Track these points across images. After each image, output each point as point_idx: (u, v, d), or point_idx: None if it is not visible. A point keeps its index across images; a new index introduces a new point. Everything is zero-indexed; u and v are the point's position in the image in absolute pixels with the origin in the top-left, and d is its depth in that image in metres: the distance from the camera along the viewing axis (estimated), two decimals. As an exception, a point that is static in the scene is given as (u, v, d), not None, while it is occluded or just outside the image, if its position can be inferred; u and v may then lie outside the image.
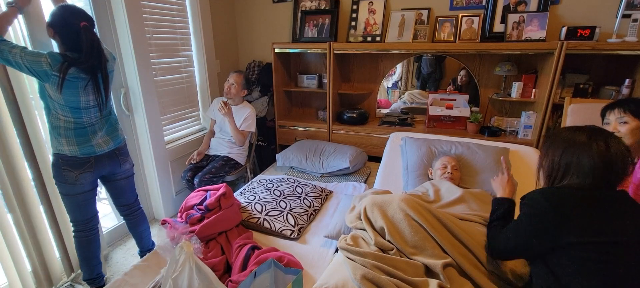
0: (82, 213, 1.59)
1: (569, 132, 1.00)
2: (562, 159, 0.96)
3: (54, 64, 1.33)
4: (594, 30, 1.95)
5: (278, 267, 1.20)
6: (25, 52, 1.31)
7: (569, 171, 0.95)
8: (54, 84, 1.34)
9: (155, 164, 2.30)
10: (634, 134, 1.29)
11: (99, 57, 1.45)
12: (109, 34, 2.01)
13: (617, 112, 1.33)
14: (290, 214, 1.69)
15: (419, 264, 1.16)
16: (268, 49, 2.98)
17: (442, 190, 1.58)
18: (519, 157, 1.95)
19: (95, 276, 1.71)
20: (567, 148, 0.96)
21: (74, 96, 1.40)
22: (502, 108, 2.47)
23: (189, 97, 2.63)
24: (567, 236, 0.87)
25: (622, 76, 2.03)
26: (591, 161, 0.91)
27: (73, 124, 1.44)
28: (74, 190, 1.51)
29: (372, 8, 2.53)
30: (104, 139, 1.55)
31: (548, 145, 1.03)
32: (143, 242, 1.90)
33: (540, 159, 1.05)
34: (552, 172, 1.00)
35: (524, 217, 0.99)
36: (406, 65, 2.66)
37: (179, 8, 2.43)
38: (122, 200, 1.77)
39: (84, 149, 1.47)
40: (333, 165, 2.30)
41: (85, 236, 1.62)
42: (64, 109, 1.41)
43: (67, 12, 1.39)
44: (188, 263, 1.06)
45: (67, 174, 1.47)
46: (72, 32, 1.38)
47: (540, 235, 0.92)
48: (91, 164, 1.51)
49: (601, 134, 0.94)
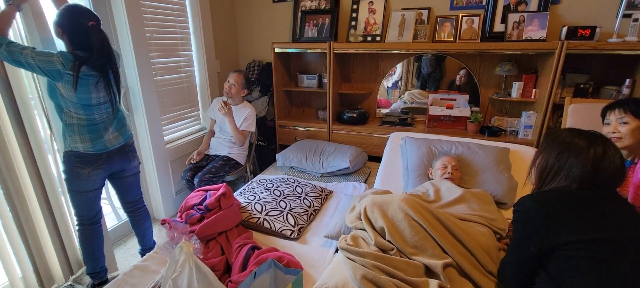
0: (89, 210, 1.61)
1: (570, 134, 0.99)
2: (557, 161, 0.98)
3: (66, 63, 1.36)
4: (594, 30, 1.95)
5: (278, 267, 1.20)
6: (36, 52, 1.33)
7: (560, 173, 0.97)
8: (68, 83, 1.37)
9: (155, 164, 2.30)
10: (634, 134, 1.28)
11: (109, 54, 1.50)
12: (109, 33, 2.00)
13: (617, 112, 1.32)
14: (290, 214, 1.69)
15: (419, 264, 1.16)
16: (268, 48, 2.98)
17: (442, 190, 1.58)
18: (519, 157, 1.95)
19: (99, 269, 1.72)
20: (563, 150, 0.97)
21: (86, 93, 1.43)
22: (502, 108, 2.47)
23: (188, 96, 2.63)
24: (557, 236, 0.88)
25: (622, 76, 2.03)
26: (583, 168, 0.92)
27: (86, 121, 1.47)
28: (85, 187, 1.53)
29: (372, 8, 2.53)
30: (115, 135, 1.58)
31: (546, 144, 1.03)
32: (145, 240, 1.90)
33: (536, 156, 1.06)
34: (544, 171, 1.01)
35: (517, 225, 1.00)
36: (406, 65, 2.66)
37: (179, 8, 2.42)
38: (128, 197, 1.79)
39: (97, 145, 1.50)
40: (333, 165, 2.30)
41: (90, 230, 1.64)
42: (77, 106, 1.43)
43: (75, 12, 1.43)
44: (188, 263, 1.05)
45: (80, 171, 1.49)
46: (81, 32, 1.42)
47: (533, 239, 0.93)
48: (103, 161, 1.54)
49: (601, 142, 0.94)
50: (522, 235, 0.97)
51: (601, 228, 0.86)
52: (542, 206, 0.92)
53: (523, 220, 0.97)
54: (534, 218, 0.93)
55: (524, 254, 0.96)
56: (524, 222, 0.97)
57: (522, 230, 0.97)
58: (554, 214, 0.90)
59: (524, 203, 0.97)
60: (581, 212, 0.89)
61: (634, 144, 1.30)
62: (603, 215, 0.88)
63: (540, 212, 0.92)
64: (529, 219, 0.94)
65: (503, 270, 1.09)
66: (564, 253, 0.88)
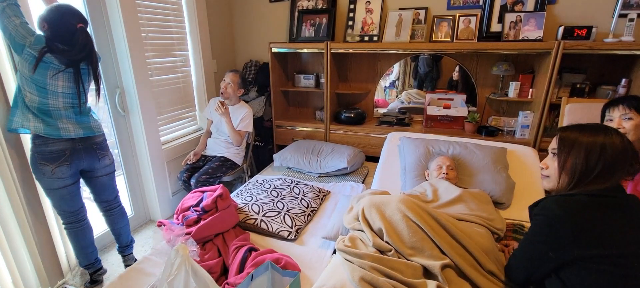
0: (68, 205, 1.60)
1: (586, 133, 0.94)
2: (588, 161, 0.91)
3: (34, 44, 1.37)
4: (590, 30, 1.96)
5: (275, 269, 1.19)
6: (22, 24, 1.37)
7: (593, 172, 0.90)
8: (26, 61, 1.37)
9: (152, 165, 2.28)
10: (637, 130, 1.31)
11: (90, 56, 1.51)
12: (104, 33, 1.99)
13: (621, 108, 1.35)
14: (288, 215, 1.68)
15: (417, 265, 1.15)
16: (265, 48, 2.96)
17: (440, 190, 1.58)
18: (516, 156, 1.95)
19: (93, 260, 1.75)
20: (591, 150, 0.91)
21: (42, 77, 1.41)
22: (499, 108, 2.48)
23: (185, 97, 2.61)
24: (584, 249, 0.84)
25: (618, 75, 2.04)
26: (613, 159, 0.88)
27: (38, 102, 1.44)
28: (54, 184, 1.52)
29: (369, 7, 2.52)
30: (73, 125, 1.52)
31: (569, 147, 0.96)
32: (121, 238, 1.89)
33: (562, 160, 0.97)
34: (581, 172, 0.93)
35: (538, 228, 0.94)
36: (403, 64, 2.65)
37: (175, 7, 2.40)
38: (103, 197, 1.77)
39: (49, 129, 1.45)
40: (331, 166, 2.29)
41: (78, 227, 1.65)
42: (30, 85, 1.41)
43: (66, 12, 1.44)
44: (184, 266, 1.04)
45: (44, 168, 1.47)
46: (68, 32, 1.43)
47: (555, 248, 0.88)
48: (67, 157, 1.51)
49: (612, 130, 0.93)
50: (542, 239, 0.92)
51: (625, 242, 0.83)
52: (571, 215, 0.86)
53: (546, 224, 0.91)
54: (560, 226, 0.87)
55: (540, 256, 0.92)
56: (548, 226, 0.90)
57: (543, 234, 0.92)
58: (581, 224, 0.85)
59: (550, 208, 0.91)
60: (608, 222, 0.85)
61: (636, 140, 1.32)
62: (628, 227, 0.85)
63: (568, 221, 0.86)
64: (554, 225, 0.89)
65: (512, 266, 1.07)
66: (587, 265, 0.84)
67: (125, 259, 1.92)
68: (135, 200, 2.37)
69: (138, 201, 2.39)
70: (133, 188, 2.34)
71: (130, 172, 2.30)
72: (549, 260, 0.90)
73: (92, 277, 1.77)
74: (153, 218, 2.48)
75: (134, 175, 2.33)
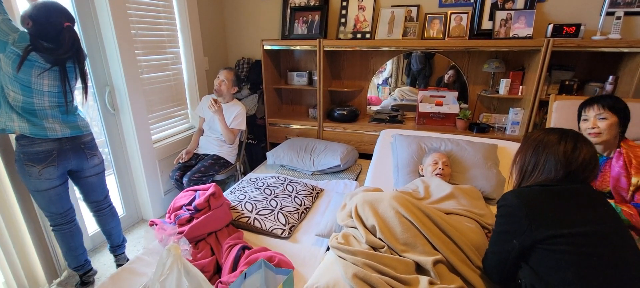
0: (56, 207, 1.57)
1: (543, 132, 1.06)
2: (533, 157, 1.04)
3: (19, 41, 1.33)
4: (579, 27, 1.99)
5: (269, 267, 1.19)
6: (5, 21, 1.33)
7: (536, 169, 1.03)
8: (9, 59, 1.33)
9: (143, 164, 2.25)
10: (611, 130, 1.35)
11: (77, 55, 1.48)
12: (92, 30, 1.95)
13: (596, 108, 1.38)
14: (281, 213, 1.68)
15: (409, 261, 1.17)
16: (257, 45, 2.94)
17: (432, 187, 1.59)
18: (507, 153, 1.98)
19: (83, 262, 1.72)
20: (537, 147, 1.04)
21: (26, 75, 1.37)
22: (490, 104, 2.51)
23: (176, 94, 2.58)
24: (538, 230, 0.91)
25: (606, 73, 2.08)
26: (555, 159, 0.98)
27: (22, 101, 1.40)
28: (41, 186, 1.48)
29: (361, 5, 2.52)
30: (60, 125, 1.49)
31: (523, 144, 1.11)
32: (112, 238, 1.86)
33: (515, 157, 1.13)
34: (522, 168, 1.08)
35: (500, 219, 1.04)
36: (396, 62, 2.66)
37: (165, 3, 2.37)
38: (92, 197, 1.74)
39: (34, 129, 1.42)
40: (324, 163, 2.29)
41: (67, 229, 1.62)
42: (14, 84, 1.37)
43: (52, 10, 1.40)
44: (176, 265, 1.03)
45: (31, 169, 1.44)
46: (54, 30, 1.40)
47: (517, 233, 0.95)
48: (54, 157, 1.48)
49: (572, 136, 1.00)
50: (505, 229, 1.01)
51: (580, 223, 0.89)
52: (524, 201, 0.96)
53: (506, 214, 1.01)
54: (516, 213, 0.96)
55: (506, 247, 0.99)
56: (507, 216, 1.00)
57: (505, 224, 1.01)
58: (535, 209, 0.93)
59: (507, 199, 1.01)
60: (561, 207, 0.93)
61: (610, 139, 1.37)
62: (581, 210, 0.92)
63: (522, 207, 0.95)
64: (511, 214, 0.98)
65: (486, 262, 1.13)
66: (546, 248, 0.90)
67: (118, 259, 1.90)
68: (127, 200, 2.35)
69: (129, 200, 2.37)
70: (124, 188, 2.31)
71: (121, 171, 2.27)
72: (514, 247, 0.97)
73: (82, 279, 1.75)
74: (145, 218, 2.46)
75: (125, 174, 2.30)
